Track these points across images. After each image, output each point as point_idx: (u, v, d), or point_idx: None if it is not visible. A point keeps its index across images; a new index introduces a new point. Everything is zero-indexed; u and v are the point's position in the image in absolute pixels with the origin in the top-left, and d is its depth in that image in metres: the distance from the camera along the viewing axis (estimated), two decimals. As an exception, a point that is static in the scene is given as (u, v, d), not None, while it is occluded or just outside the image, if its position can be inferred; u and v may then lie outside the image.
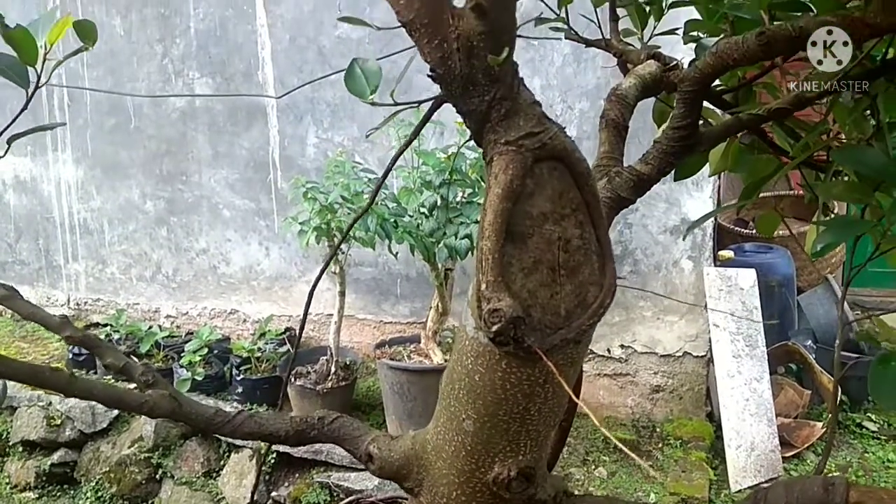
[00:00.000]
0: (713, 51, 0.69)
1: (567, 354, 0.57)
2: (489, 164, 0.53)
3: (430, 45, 0.49)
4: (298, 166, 3.79)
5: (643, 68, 0.88)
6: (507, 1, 0.49)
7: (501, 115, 0.52)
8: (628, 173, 0.78)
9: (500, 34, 0.49)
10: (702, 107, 0.74)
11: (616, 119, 0.81)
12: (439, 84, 0.52)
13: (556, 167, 0.54)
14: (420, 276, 3.59)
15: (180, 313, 4.20)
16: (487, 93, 0.51)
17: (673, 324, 3.16)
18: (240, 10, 3.78)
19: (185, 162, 4.04)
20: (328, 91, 3.67)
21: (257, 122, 3.86)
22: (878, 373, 0.67)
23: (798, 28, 0.61)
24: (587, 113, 3.23)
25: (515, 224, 0.53)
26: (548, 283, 0.54)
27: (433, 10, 0.48)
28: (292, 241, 3.73)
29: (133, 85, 4.09)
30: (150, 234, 4.21)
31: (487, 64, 0.49)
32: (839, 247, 0.87)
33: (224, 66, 3.87)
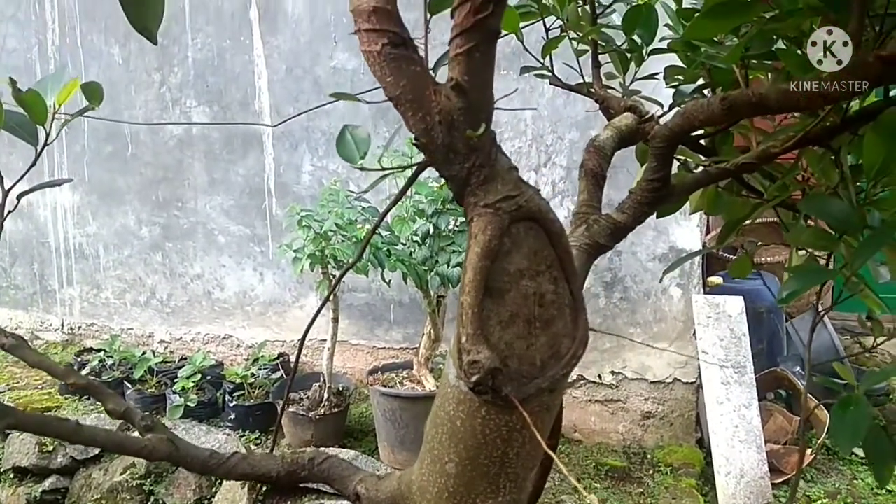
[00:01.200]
0: (681, 112, 0.74)
1: (542, 402, 0.60)
2: (470, 223, 0.57)
3: (415, 118, 0.53)
4: (293, 193, 3.84)
5: (620, 120, 0.93)
6: (484, 81, 0.53)
7: (480, 180, 0.56)
8: (606, 221, 0.82)
9: (478, 110, 0.53)
10: (672, 161, 0.79)
11: (594, 169, 0.86)
12: (423, 152, 0.56)
13: (532, 227, 0.58)
14: (413, 301, 3.62)
15: (174, 338, 4.21)
16: (467, 160, 0.55)
17: (663, 351, 3.19)
18: (237, 40, 3.86)
19: (182, 188, 4.08)
20: (323, 120, 3.73)
21: (253, 149, 3.91)
22: (837, 417, 0.70)
23: (758, 95, 0.65)
24: (577, 143, 3.30)
25: (494, 280, 0.57)
26: (524, 336, 0.58)
27: (417, 88, 0.53)
28: (286, 266, 3.76)
29: (131, 112, 4.14)
30: (144, 259, 4.23)
31: (467, 135, 0.53)
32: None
33: (221, 95, 3.94)
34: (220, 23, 3.87)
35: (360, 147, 0.71)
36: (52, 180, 0.82)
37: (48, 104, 0.75)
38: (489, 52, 0.52)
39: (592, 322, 2.52)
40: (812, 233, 0.84)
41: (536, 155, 3.38)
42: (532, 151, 3.39)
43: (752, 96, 0.66)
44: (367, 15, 0.53)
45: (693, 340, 3.12)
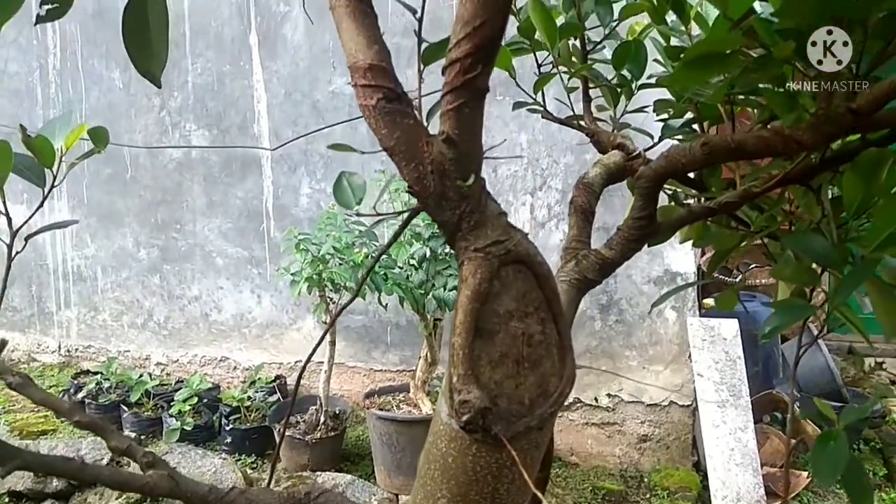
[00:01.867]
0: (665, 154, 0.77)
1: (531, 440, 0.62)
2: (461, 266, 0.60)
3: (408, 168, 0.56)
4: (291, 216, 3.87)
5: (608, 158, 0.96)
6: (473, 134, 0.56)
7: (471, 225, 0.58)
8: (594, 257, 0.84)
9: (467, 161, 0.56)
10: (657, 200, 0.82)
11: (583, 205, 0.89)
12: (416, 199, 0.59)
13: (521, 269, 0.61)
14: (410, 323, 3.63)
15: (171, 360, 4.20)
16: (458, 207, 0.57)
17: (658, 373, 3.20)
18: (237, 65, 3.91)
19: (180, 211, 4.11)
20: (321, 144, 3.77)
21: (252, 172, 3.95)
22: (818, 450, 0.72)
23: (736, 141, 0.68)
24: (572, 167, 3.34)
25: (484, 322, 0.60)
26: (513, 375, 0.60)
27: (410, 140, 0.55)
28: (284, 288, 3.78)
29: (130, 136, 4.18)
30: (142, 281, 4.24)
31: (457, 185, 0.56)
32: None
33: (220, 119, 3.98)
34: (220, 48, 3.93)
35: (356, 193, 0.73)
36: (58, 222, 0.84)
37: (56, 147, 0.77)
38: (478, 108, 0.55)
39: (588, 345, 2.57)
40: (796, 268, 0.87)
41: (532, 178, 3.42)
42: (528, 175, 3.43)
43: (730, 143, 0.68)
44: (363, 71, 0.55)
45: (688, 363, 3.13)
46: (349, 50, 0.56)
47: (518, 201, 3.45)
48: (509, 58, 1.18)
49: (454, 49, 0.52)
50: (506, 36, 0.58)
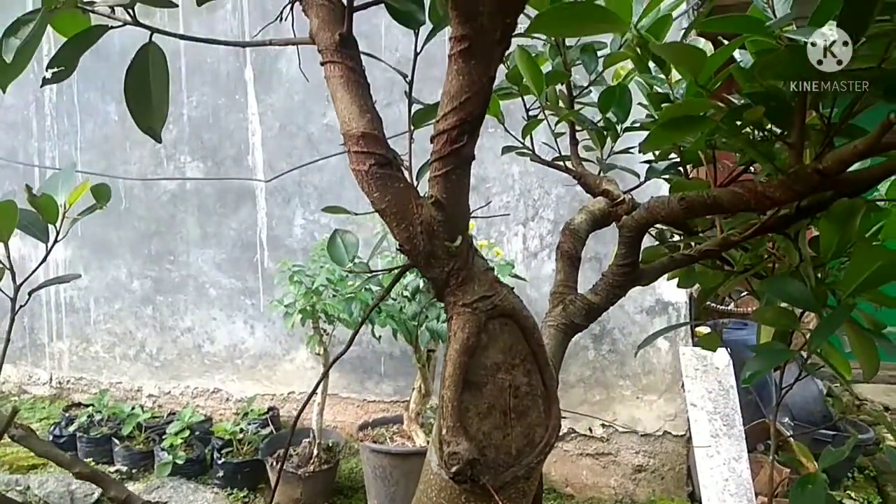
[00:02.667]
0: (646, 206, 0.80)
1: (518, 489, 0.64)
2: (450, 321, 0.62)
3: (399, 228, 0.59)
4: (285, 246, 3.89)
5: (593, 204, 0.99)
6: (460, 198, 0.59)
7: (459, 281, 0.61)
8: (581, 302, 0.87)
9: (455, 223, 0.59)
10: (640, 248, 0.85)
11: (569, 251, 0.92)
12: (407, 257, 0.61)
13: (507, 322, 0.63)
14: (404, 354, 3.63)
15: (163, 392, 4.18)
16: (447, 265, 0.60)
17: (652, 403, 3.21)
18: (232, 98, 3.97)
19: (174, 242, 4.12)
20: (315, 175, 3.82)
21: (246, 203, 3.98)
22: (796, 495, 0.74)
23: (712, 197, 0.72)
24: (563, 198, 3.39)
25: (472, 374, 0.62)
26: (500, 426, 0.62)
27: (400, 202, 0.58)
28: (277, 319, 3.78)
29: (125, 168, 4.22)
30: (135, 312, 4.24)
31: (446, 244, 0.58)
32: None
33: (215, 151, 4.02)
34: (215, 82, 3.98)
35: (349, 251, 0.76)
36: (61, 276, 0.86)
37: (59, 204, 0.79)
38: (464, 174, 0.58)
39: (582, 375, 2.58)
40: (776, 312, 0.89)
41: (524, 209, 3.46)
42: (520, 206, 3.47)
43: (706, 198, 0.72)
44: (357, 139, 0.58)
45: (682, 393, 3.14)
46: (343, 118, 0.59)
47: (510, 231, 3.49)
48: (498, 104, 1.22)
49: (442, 121, 0.55)
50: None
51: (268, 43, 0.72)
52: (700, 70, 0.71)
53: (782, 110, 0.66)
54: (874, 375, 0.88)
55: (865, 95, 0.64)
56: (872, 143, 0.57)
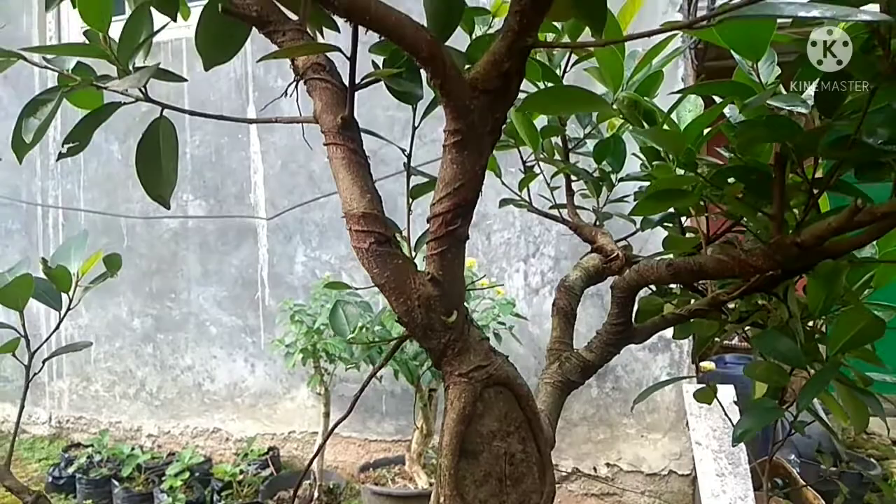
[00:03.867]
0: (636, 269, 0.83)
1: (516, 555, 0.66)
2: (447, 390, 0.64)
3: (398, 302, 0.62)
4: (286, 284, 3.91)
5: (588, 261, 1.02)
6: (455, 275, 0.62)
7: (455, 352, 0.63)
8: (576, 359, 0.89)
9: (451, 298, 0.62)
10: (633, 308, 0.87)
11: (565, 308, 0.94)
12: (405, 328, 0.64)
13: (502, 391, 0.65)
14: (405, 392, 3.63)
15: (162, 432, 4.16)
16: (443, 336, 0.63)
17: (657, 441, 3.20)
18: (234, 138, 4.04)
19: (175, 280, 4.15)
20: (317, 212, 3.86)
21: (247, 241, 4.02)
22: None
23: (698, 264, 0.74)
24: (563, 234, 3.42)
25: (469, 442, 0.64)
26: (496, 493, 0.64)
27: (399, 278, 0.61)
28: (278, 357, 3.78)
29: (128, 206, 4.27)
30: (135, 351, 4.24)
31: (442, 318, 0.61)
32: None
33: (217, 189, 4.08)
34: (218, 121, 4.05)
35: (350, 322, 0.79)
36: (73, 344, 0.88)
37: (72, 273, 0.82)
38: (459, 253, 0.61)
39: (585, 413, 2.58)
40: (766, 368, 0.91)
41: (525, 246, 3.49)
42: (521, 242, 3.50)
43: (692, 265, 0.74)
44: (357, 218, 0.61)
45: (687, 431, 3.13)
46: (345, 198, 0.63)
47: (511, 268, 3.51)
48: (494, 158, 1.26)
49: (437, 204, 0.58)
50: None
51: (273, 120, 0.75)
52: (681, 149, 0.75)
53: (762, 183, 0.69)
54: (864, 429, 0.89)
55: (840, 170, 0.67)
56: (844, 222, 0.60)
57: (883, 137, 0.61)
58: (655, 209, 0.82)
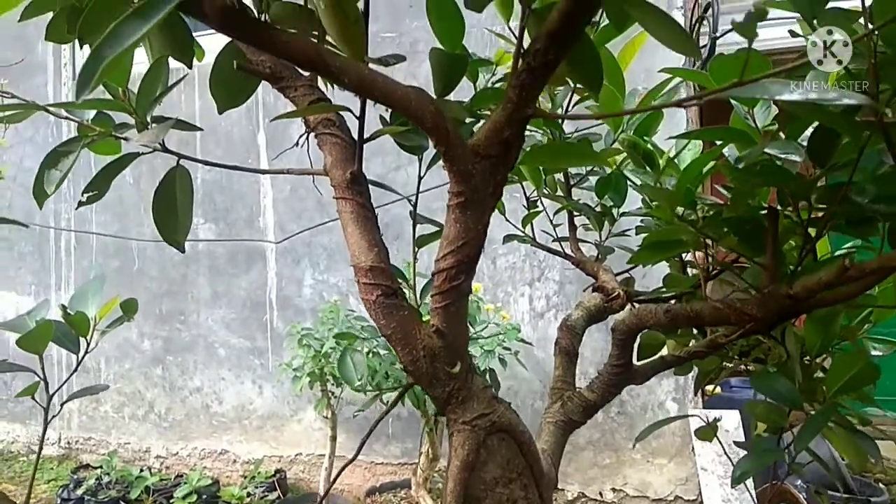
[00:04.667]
0: (635, 313, 0.86)
1: None
2: (451, 437, 0.67)
3: (404, 352, 0.64)
4: (294, 306, 3.94)
5: (589, 300, 1.05)
6: (459, 327, 0.64)
7: (459, 400, 0.66)
8: (578, 399, 0.91)
9: (454, 349, 0.64)
10: (633, 350, 0.90)
11: (567, 347, 0.96)
12: (411, 377, 0.66)
13: (504, 438, 0.68)
14: (412, 415, 3.63)
15: (170, 453, 4.18)
16: (447, 385, 0.65)
17: (663, 466, 3.19)
18: (245, 162, 4.09)
19: (185, 302, 4.19)
20: (325, 236, 3.90)
21: (256, 264, 4.06)
22: None
23: (695, 311, 0.77)
24: (568, 259, 3.43)
25: (472, 489, 0.66)
26: (500, 538, 0.66)
27: (405, 328, 0.64)
28: (285, 379, 3.80)
29: (139, 229, 4.33)
30: (145, 372, 4.27)
31: (446, 369, 0.64)
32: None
33: (227, 213, 4.13)
34: (229, 146, 4.12)
35: (357, 370, 0.82)
36: (92, 387, 0.91)
37: (90, 317, 0.86)
38: (462, 306, 0.63)
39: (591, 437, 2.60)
40: (766, 408, 0.93)
41: (530, 270, 3.51)
42: (526, 267, 3.52)
43: (689, 312, 0.77)
44: (365, 272, 0.64)
45: (692, 456, 3.12)
46: (353, 251, 0.66)
47: (517, 292, 3.53)
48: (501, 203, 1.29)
49: (442, 260, 0.61)
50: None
51: (285, 171, 0.79)
52: (677, 204, 0.77)
53: (755, 234, 0.72)
54: (863, 468, 0.91)
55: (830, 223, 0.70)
56: (834, 278, 0.62)
57: (870, 195, 0.63)
58: (653, 258, 0.84)
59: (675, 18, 0.60)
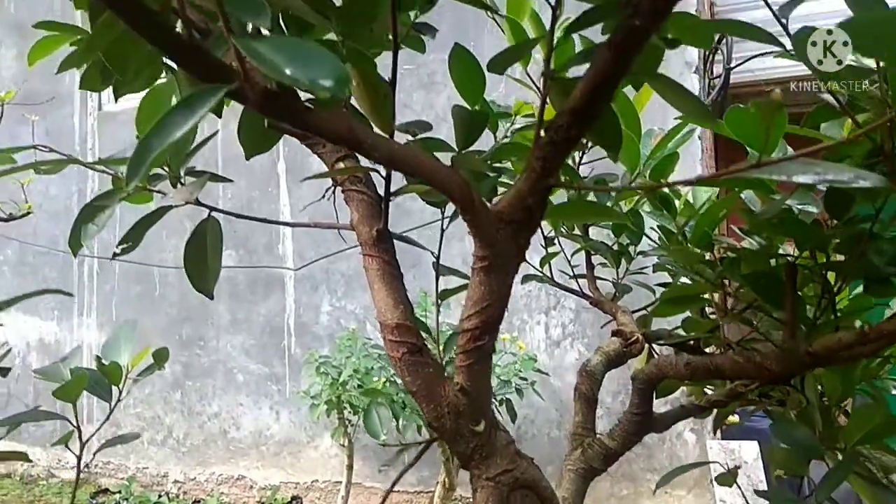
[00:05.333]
0: (655, 363, 0.87)
1: None
2: (474, 493, 0.68)
3: (429, 408, 0.66)
4: (312, 333, 3.97)
5: (608, 346, 1.06)
6: (482, 386, 0.66)
7: (482, 456, 0.67)
8: (599, 446, 0.92)
9: (478, 407, 0.66)
10: (652, 400, 0.91)
11: (587, 393, 0.97)
12: (435, 433, 0.68)
13: (528, 494, 0.69)
14: (427, 443, 3.62)
15: (188, 479, 4.19)
16: (471, 442, 0.67)
17: (681, 498, 3.14)
18: (265, 191, 4.16)
19: (205, 327, 4.24)
20: (343, 263, 3.94)
21: (275, 290, 4.10)
22: None
23: (715, 364, 0.78)
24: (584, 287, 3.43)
25: (496, 543, 0.67)
26: None
27: (430, 386, 0.66)
28: (303, 405, 3.82)
29: (161, 256, 4.40)
30: (164, 397, 4.31)
31: (470, 427, 0.65)
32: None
33: (247, 241, 4.19)
34: (250, 175, 4.19)
35: (383, 424, 0.83)
36: (122, 436, 0.94)
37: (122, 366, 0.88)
38: (486, 365, 0.65)
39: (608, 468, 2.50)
40: (785, 456, 0.93)
41: (546, 298, 3.52)
42: (542, 295, 3.53)
43: (710, 365, 0.78)
44: (391, 329, 0.67)
45: (711, 488, 3.07)
46: (379, 308, 0.68)
47: (533, 320, 3.53)
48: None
49: (466, 321, 0.63)
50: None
51: (312, 225, 0.81)
52: (693, 261, 0.79)
53: (773, 289, 0.73)
54: (888, 520, 0.90)
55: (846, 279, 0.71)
56: (854, 341, 0.63)
57: (888, 256, 0.65)
58: (673, 312, 0.86)
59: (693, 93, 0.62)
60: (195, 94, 0.44)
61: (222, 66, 0.44)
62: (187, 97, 0.44)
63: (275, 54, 0.36)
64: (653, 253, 1.32)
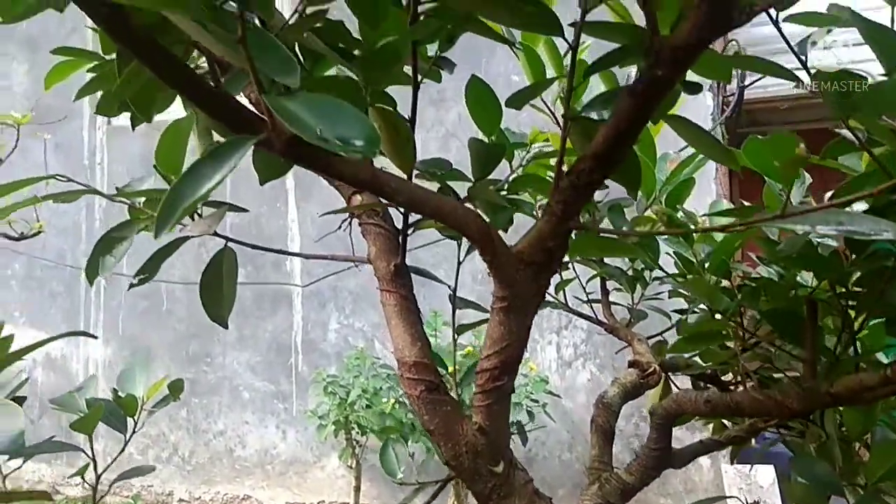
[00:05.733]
0: (674, 398, 0.86)
1: None
2: (493, 532, 0.67)
3: (447, 447, 0.65)
4: (319, 350, 3.96)
5: (625, 377, 1.05)
6: (500, 426, 0.65)
7: (500, 496, 0.67)
8: (616, 481, 0.91)
9: (496, 447, 0.65)
10: (671, 434, 0.90)
11: (603, 426, 0.96)
12: (453, 471, 0.67)
13: (546, 533, 0.68)
14: (437, 465, 3.60)
15: (193, 497, 4.17)
16: (489, 481, 0.66)
17: (691, 522, 3.10)
18: (273, 207, 4.18)
19: (211, 344, 4.24)
20: (351, 280, 3.93)
21: (282, 307, 4.10)
22: None
23: (735, 402, 0.77)
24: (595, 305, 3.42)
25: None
26: None
27: (448, 424, 0.65)
28: (309, 424, 3.81)
29: (168, 272, 4.40)
30: (170, 415, 4.30)
31: (489, 467, 0.64)
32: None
33: (255, 257, 4.19)
34: (258, 191, 4.19)
35: (400, 461, 0.83)
36: (138, 468, 0.94)
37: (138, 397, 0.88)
38: (504, 405, 0.65)
39: None
40: (805, 492, 0.92)
41: (558, 318, 3.50)
42: (553, 315, 3.51)
43: (730, 402, 0.77)
44: (409, 366, 0.66)
45: (722, 512, 3.03)
46: (397, 345, 0.67)
47: (544, 340, 3.51)
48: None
49: (485, 360, 0.63)
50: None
51: (329, 257, 0.81)
52: (713, 296, 0.79)
53: (793, 326, 0.72)
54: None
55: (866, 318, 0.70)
56: (879, 382, 0.62)
57: (910, 296, 0.64)
58: (690, 349, 0.85)
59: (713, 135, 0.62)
60: (224, 144, 0.44)
61: (251, 118, 0.44)
62: (216, 149, 0.44)
63: (305, 112, 0.36)
64: (669, 280, 1.31)
